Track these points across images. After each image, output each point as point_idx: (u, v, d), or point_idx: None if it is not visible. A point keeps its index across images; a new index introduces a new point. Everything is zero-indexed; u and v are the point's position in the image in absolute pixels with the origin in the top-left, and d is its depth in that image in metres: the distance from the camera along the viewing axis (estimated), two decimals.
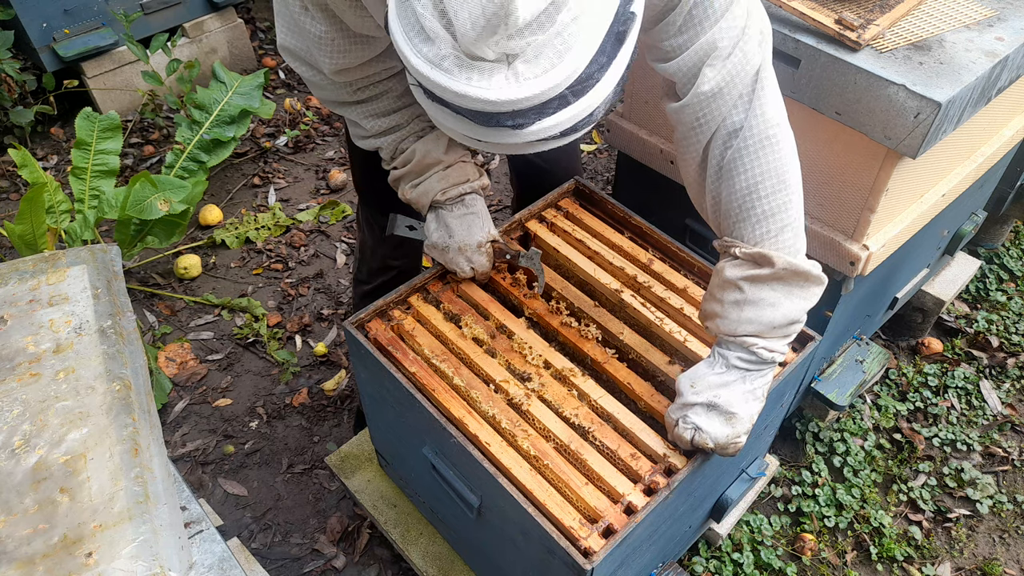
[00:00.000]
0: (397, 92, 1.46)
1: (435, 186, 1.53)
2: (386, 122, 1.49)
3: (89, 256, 1.36)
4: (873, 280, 1.96)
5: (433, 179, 1.53)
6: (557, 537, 1.23)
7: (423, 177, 1.53)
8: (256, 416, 2.46)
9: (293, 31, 1.37)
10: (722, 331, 1.31)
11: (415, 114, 1.50)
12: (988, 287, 2.87)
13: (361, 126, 1.51)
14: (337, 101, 1.48)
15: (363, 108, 1.48)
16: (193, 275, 2.89)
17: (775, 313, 1.27)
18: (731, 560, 2.09)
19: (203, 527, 1.14)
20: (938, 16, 1.66)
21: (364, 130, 1.51)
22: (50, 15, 3.18)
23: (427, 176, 1.53)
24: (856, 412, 2.45)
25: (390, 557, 2.11)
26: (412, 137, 1.51)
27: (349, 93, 1.45)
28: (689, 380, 1.33)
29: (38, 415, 1.10)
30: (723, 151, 1.23)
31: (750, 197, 1.24)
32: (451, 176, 1.54)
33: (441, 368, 1.50)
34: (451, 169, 1.53)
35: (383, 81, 1.45)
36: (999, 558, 2.16)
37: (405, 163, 1.52)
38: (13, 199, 3.19)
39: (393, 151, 1.53)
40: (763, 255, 1.25)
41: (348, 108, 1.49)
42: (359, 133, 1.54)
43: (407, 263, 2.02)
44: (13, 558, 0.94)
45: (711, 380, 1.31)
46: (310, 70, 1.43)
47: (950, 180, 1.90)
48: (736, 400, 1.29)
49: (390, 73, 1.44)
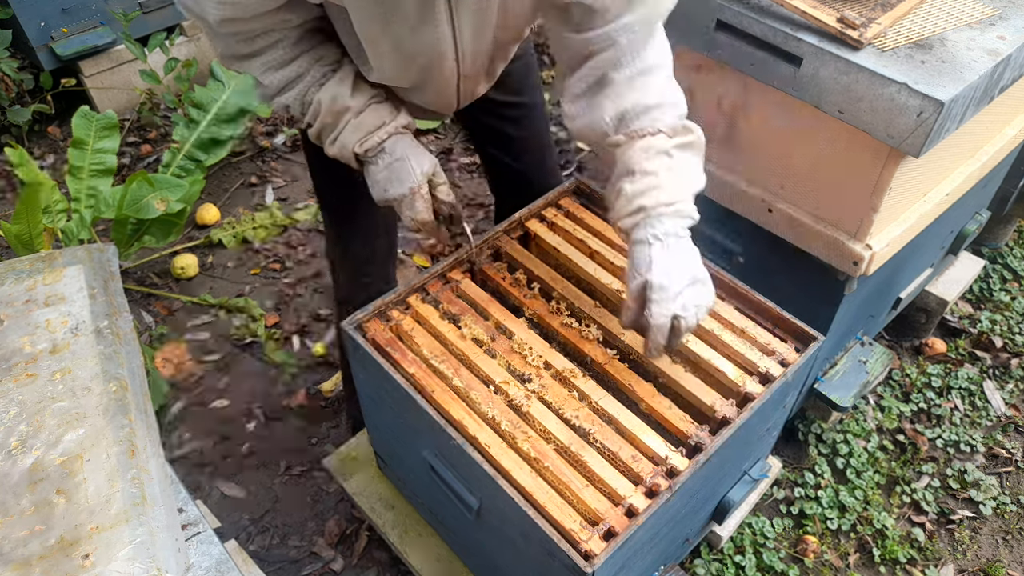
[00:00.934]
0: (292, 39, 1.35)
1: (350, 138, 1.41)
2: (285, 74, 1.37)
3: (86, 256, 1.35)
4: (876, 280, 1.95)
5: (347, 131, 1.41)
6: (557, 540, 1.22)
7: (338, 129, 1.42)
8: (253, 417, 2.45)
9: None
10: (661, 202, 1.32)
11: (315, 59, 1.38)
12: (992, 287, 2.86)
13: (262, 83, 1.40)
14: (231, 55, 1.36)
15: (258, 61, 1.36)
16: (190, 275, 2.88)
17: (695, 173, 1.38)
18: (733, 563, 2.08)
19: (200, 529, 1.13)
20: (940, 15, 1.65)
21: (266, 87, 1.40)
22: (48, 14, 3.17)
23: (341, 127, 1.41)
24: (859, 413, 2.44)
25: (388, 559, 2.10)
26: (315, 86, 1.38)
27: (240, 43, 1.33)
28: (664, 274, 1.31)
29: (34, 416, 1.09)
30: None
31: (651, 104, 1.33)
32: (364, 123, 1.41)
33: (440, 369, 1.49)
34: (363, 115, 1.40)
35: (275, 31, 1.33)
36: (1002, 560, 2.15)
37: (315, 116, 1.41)
38: (9, 198, 3.18)
39: (301, 106, 1.41)
40: (688, 126, 1.35)
41: (244, 63, 1.37)
42: (264, 93, 1.42)
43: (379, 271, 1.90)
44: (9, 560, 0.93)
45: (678, 260, 1.33)
46: (203, 22, 1.30)
47: (953, 179, 1.89)
48: (699, 262, 1.36)
49: (285, 26, 1.33)
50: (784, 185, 1.79)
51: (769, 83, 1.64)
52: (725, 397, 1.46)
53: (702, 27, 1.68)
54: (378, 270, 1.89)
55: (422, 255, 3.00)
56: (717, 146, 1.89)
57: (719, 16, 1.64)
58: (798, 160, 1.73)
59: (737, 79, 1.75)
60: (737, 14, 1.61)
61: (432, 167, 1.45)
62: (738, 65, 1.67)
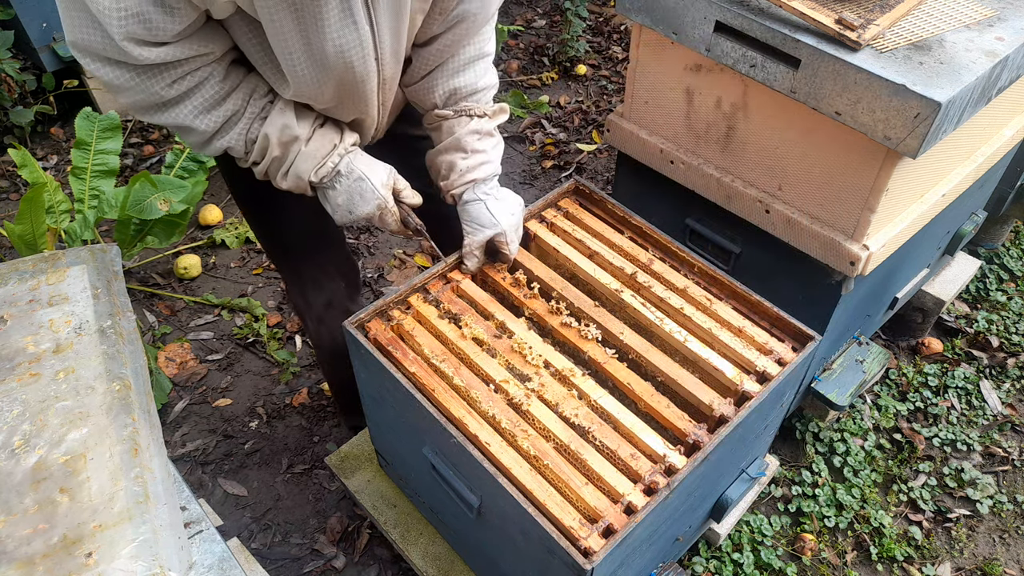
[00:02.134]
0: (219, 75, 1.27)
1: (304, 167, 1.38)
2: (221, 113, 1.30)
3: (89, 256, 1.36)
4: (873, 280, 1.96)
5: (299, 161, 1.38)
6: (557, 537, 1.23)
7: (288, 161, 1.38)
8: (256, 416, 2.46)
9: (85, 20, 1.13)
10: (489, 173, 1.58)
11: (249, 92, 1.31)
12: (988, 287, 2.87)
13: (195, 129, 1.30)
14: (153, 104, 1.25)
15: (187, 105, 1.27)
16: (193, 275, 2.89)
17: (501, 143, 1.63)
18: (731, 560, 2.09)
19: (203, 527, 1.14)
20: (938, 16, 1.66)
21: (201, 132, 1.31)
22: (50, 15, 3.18)
23: (292, 159, 1.38)
24: (856, 412, 2.45)
25: (390, 557, 2.11)
26: (257, 121, 1.33)
27: (164, 88, 1.22)
28: (506, 221, 1.58)
29: (38, 415, 1.10)
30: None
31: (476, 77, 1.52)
32: (316, 150, 1.38)
33: (441, 368, 1.50)
34: (312, 142, 1.37)
35: (200, 69, 1.24)
36: (999, 558, 2.16)
37: (262, 152, 1.36)
38: (13, 199, 3.19)
39: (244, 145, 1.35)
40: (503, 107, 1.59)
41: (169, 110, 1.27)
42: (199, 140, 1.33)
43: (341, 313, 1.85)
44: (13, 558, 0.94)
45: (506, 204, 1.60)
46: (114, 69, 1.19)
47: (950, 180, 1.90)
48: (510, 194, 1.64)
49: (208, 60, 1.25)
50: (782, 186, 1.80)
51: (767, 84, 1.64)
52: (723, 396, 1.47)
53: (701, 28, 1.69)
54: (338, 312, 1.87)
55: (423, 255, 3.01)
56: (716, 147, 1.90)
57: (718, 17, 1.65)
58: (796, 161, 1.74)
59: (736, 80, 1.76)
60: (736, 15, 1.62)
61: (390, 177, 1.48)
62: (737, 66, 1.68)
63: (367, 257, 3.00)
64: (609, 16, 4.36)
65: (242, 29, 1.24)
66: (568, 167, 3.45)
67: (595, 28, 4.31)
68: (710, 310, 1.61)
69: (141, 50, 1.15)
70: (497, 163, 1.60)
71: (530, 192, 3.32)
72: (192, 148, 1.38)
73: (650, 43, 1.89)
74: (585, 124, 3.69)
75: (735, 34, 1.65)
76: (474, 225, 1.59)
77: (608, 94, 3.87)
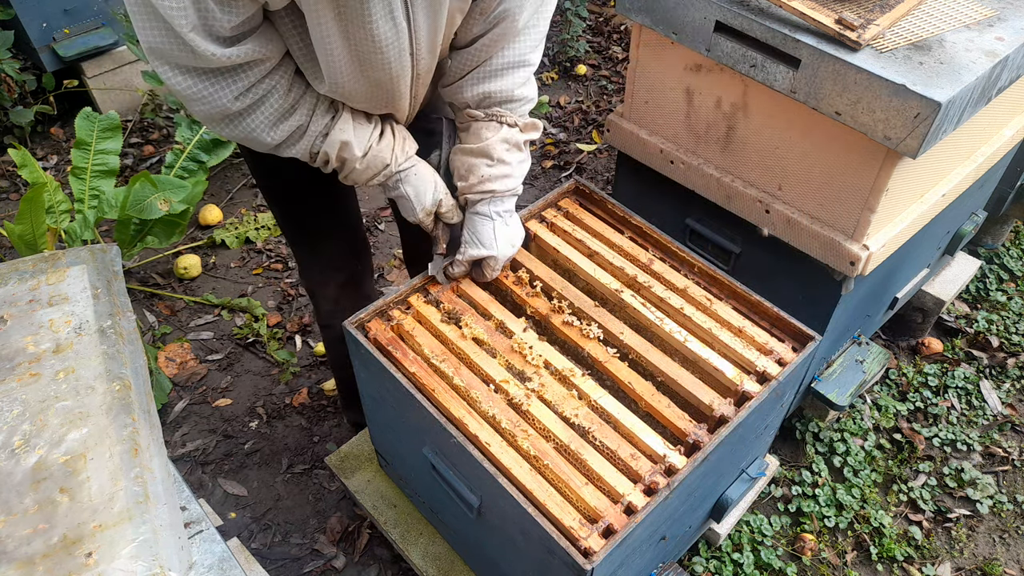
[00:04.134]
0: (284, 86, 1.32)
1: (362, 179, 1.49)
2: (288, 125, 1.36)
3: (89, 256, 1.36)
4: (873, 280, 1.96)
5: (355, 174, 1.47)
6: (557, 537, 1.23)
7: (346, 170, 1.47)
8: (256, 416, 2.46)
9: (154, 22, 1.14)
10: (509, 188, 1.55)
11: (312, 107, 1.37)
12: (988, 287, 2.87)
13: (264, 140, 1.36)
14: (222, 116, 1.30)
15: (257, 117, 1.32)
16: (193, 275, 2.89)
17: (529, 161, 1.61)
18: (731, 560, 2.09)
19: (203, 527, 1.14)
20: (938, 16, 1.66)
21: (269, 141, 1.37)
22: (50, 15, 3.18)
23: (349, 171, 1.47)
24: (856, 412, 2.45)
25: (390, 557, 2.11)
26: (319, 138, 1.40)
27: (231, 99, 1.26)
28: (503, 248, 1.58)
29: (38, 415, 1.10)
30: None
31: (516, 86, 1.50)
32: (367, 169, 1.46)
33: (441, 368, 1.50)
34: (366, 159, 1.45)
35: (264, 80, 1.28)
36: (999, 558, 2.16)
37: (324, 162, 1.44)
38: (13, 199, 3.19)
39: (309, 156, 1.43)
40: (535, 123, 1.56)
41: (238, 123, 1.32)
42: (267, 143, 1.38)
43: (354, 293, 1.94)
44: (13, 558, 0.94)
45: (512, 232, 1.60)
46: (186, 77, 1.22)
47: (950, 180, 1.90)
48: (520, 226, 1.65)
49: (268, 68, 1.28)
50: (782, 186, 1.80)
51: (767, 84, 1.64)
52: (723, 396, 1.47)
53: (701, 28, 1.69)
54: (353, 292, 1.91)
55: None
56: (716, 147, 1.90)
57: (718, 17, 1.65)
58: (796, 161, 1.74)
59: (736, 80, 1.76)
60: (736, 15, 1.62)
61: (434, 201, 1.54)
62: (737, 66, 1.68)
63: None
64: (609, 16, 4.36)
65: (284, 22, 1.26)
66: (568, 167, 3.45)
67: (595, 28, 4.31)
68: (710, 310, 1.61)
69: (208, 45, 1.16)
70: (519, 181, 1.57)
71: (530, 192, 3.32)
72: (261, 149, 1.43)
73: (650, 43, 1.89)
74: (585, 124, 3.69)
75: (735, 34, 1.65)
76: (475, 239, 1.58)
77: (608, 94, 3.87)
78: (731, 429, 1.39)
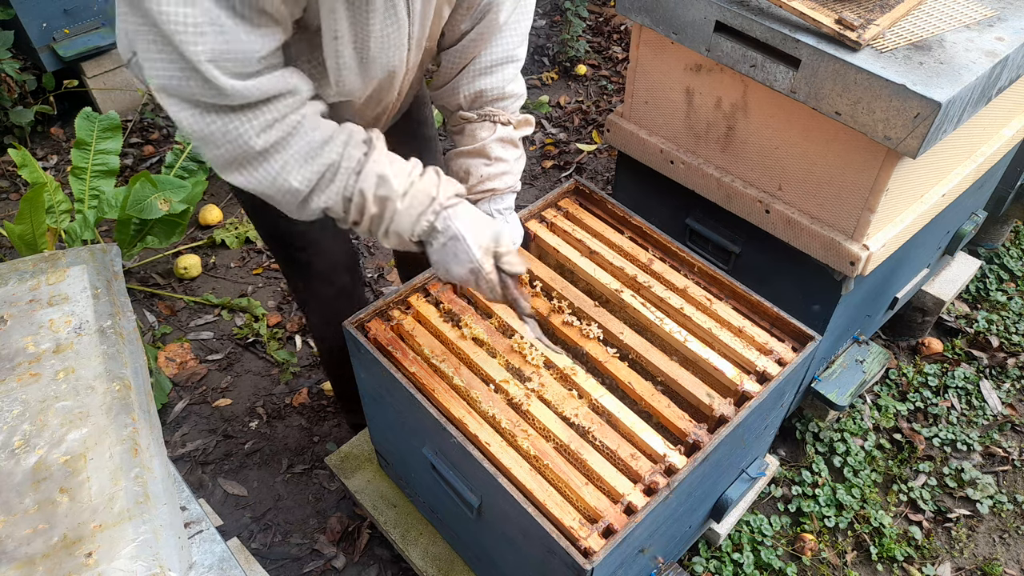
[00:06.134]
0: (312, 121, 1.18)
1: (403, 227, 1.28)
2: (316, 167, 1.19)
3: (89, 256, 1.36)
4: (873, 280, 1.96)
5: (397, 219, 1.27)
6: (557, 537, 1.23)
7: (386, 220, 1.27)
8: (256, 416, 2.46)
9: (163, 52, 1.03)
10: (508, 185, 1.52)
11: (345, 141, 1.22)
12: (988, 287, 2.87)
13: (289, 188, 1.19)
14: (242, 157, 1.15)
15: (279, 158, 1.17)
16: (193, 275, 2.89)
17: (524, 156, 1.57)
18: (731, 560, 2.09)
19: (203, 527, 1.14)
20: (938, 16, 1.66)
21: (294, 192, 1.20)
22: (50, 15, 3.18)
23: (390, 217, 1.27)
24: (856, 412, 2.45)
25: (390, 557, 2.11)
26: (352, 175, 1.23)
27: (253, 135, 1.12)
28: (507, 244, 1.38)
29: (38, 415, 1.10)
30: None
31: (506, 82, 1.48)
32: (411, 207, 1.27)
33: (441, 368, 1.50)
34: (407, 197, 1.26)
35: (290, 115, 1.15)
36: (999, 558, 2.16)
37: (360, 211, 1.25)
38: (13, 199, 3.19)
39: (343, 203, 1.24)
40: (528, 119, 1.54)
41: (260, 166, 1.17)
42: (291, 202, 1.22)
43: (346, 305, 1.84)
44: (13, 558, 0.94)
45: (514, 230, 1.54)
46: (200, 115, 1.09)
47: (950, 180, 1.90)
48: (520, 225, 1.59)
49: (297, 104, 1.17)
50: (782, 186, 1.80)
51: (767, 84, 1.64)
52: (723, 396, 1.47)
53: (701, 28, 1.69)
54: (345, 304, 1.86)
55: None
56: (716, 147, 1.90)
57: (718, 17, 1.65)
58: (796, 161, 1.74)
59: (736, 80, 1.76)
60: (736, 15, 1.62)
61: (493, 240, 1.33)
62: (737, 66, 1.68)
63: (367, 257, 3.00)
64: (609, 16, 4.36)
65: (295, 38, 1.21)
66: (568, 167, 3.45)
67: (595, 28, 4.31)
68: (710, 310, 1.61)
69: (225, 79, 1.04)
70: (517, 177, 1.54)
71: (530, 192, 3.32)
72: (287, 212, 1.26)
73: (650, 43, 1.89)
74: (585, 124, 3.69)
75: (735, 34, 1.65)
76: None
77: (608, 94, 3.87)
78: (731, 429, 1.39)
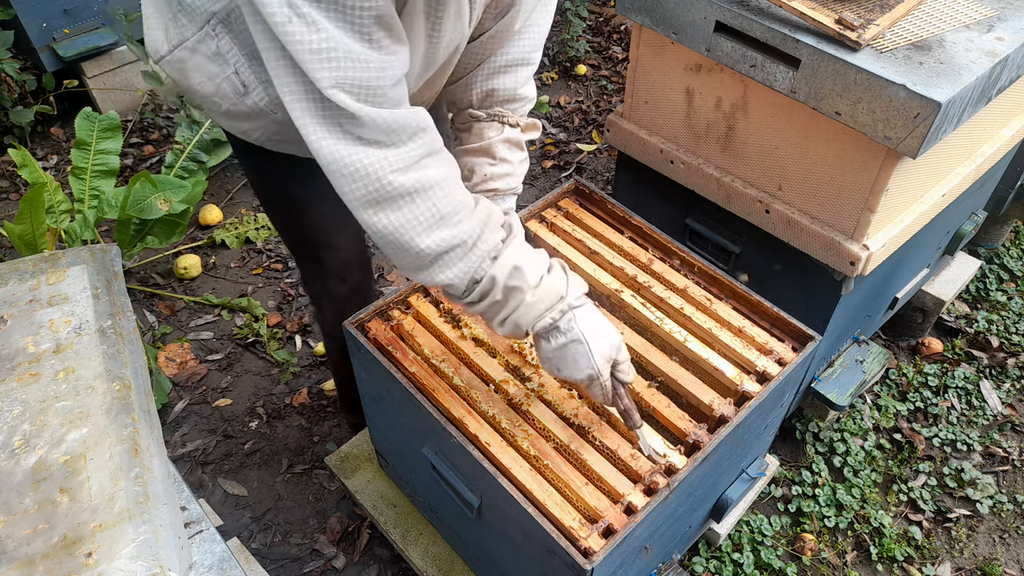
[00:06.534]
0: (452, 184, 1.14)
1: (525, 319, 1.23)
2: (448, 236, 1.13)
3: (89, 256, 1.36)
4: (873, 280, 1.96)
5: (521, 310, 1.22)
6: (557, 537, 1.23)
7: (509, 308, 1.22)
8: (256, 416, 2.46)
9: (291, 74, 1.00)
10: (511, 187, 1.47)
11: (485, 220, 1.18)
12: (988, 287, 2.87)
13: (412, 248, 1.13)
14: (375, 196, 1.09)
15: (412, 209, 1.10)
16: (193, 275, 2.89)
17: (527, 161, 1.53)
18: (731, 560, 2.09)
19: (203, 527, 1.14)
20: (938, 16, 1.66)
21: (418, 254, 1.14)
22: (50, 15, 3.18)
23: (514, 307, 1.22)
24: (856, 412, 2.45)
25: (390, 557, 2.11)
26: (487, 260, 1.18)
27: (392, 171, 1.07)
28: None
29: (38, 415, 1.10)
30: None
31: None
32: (539, 302, 1.22)
33: (441, 368, 1.50)
34: (537, 290, 1.21)
35: (427, 160, 1.12)
36: (999, 558, 2.16)
37: (483, 296, 1.21)
38: (13, 199, 3.19)
39: (466, 284, 1.20)
40: (535, 123, 1.51)
41: (390, 209, 1.10)
42: (412, 264, 1.17)
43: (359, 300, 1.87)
44: (13, 558, 0.94)
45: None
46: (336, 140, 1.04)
47: (950, 180, 1.90)
48: None
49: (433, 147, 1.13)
50: (782, 186, 1.80)
51: (768, 84, 1.64)
52: (723, 396, 1.48)
53: (701, 28, 1.69)
54: (359, 302, 1.85)
55: None
56: (716, 147, 1.90)
57: (718, 17, 1.65)
58: (796, 161, 1.74)
59: (736, 80, 1.76)
60: (736, 15, 1.62)
61: (615, 349, 1.28)
62: (737, 66, 1.68)
63: None
64: (609, 16, 4.36)
65: None
66: (568, 167, 3.45)
67: (595, 28, 4.31)
68: (710, 310, 1.61)
69: (353, 103, 1.01)
70: (519, 180, 1.52)
71: (530, 192, 3.32)
72: (403, 272, 1.21)
73: (650, 43, 1.89)
74: (585, 124, 3.69)
75: (735, 34, 1.65)
76: None
77: (608, 94, 3.87)
78: (731, 429, 1.40)
